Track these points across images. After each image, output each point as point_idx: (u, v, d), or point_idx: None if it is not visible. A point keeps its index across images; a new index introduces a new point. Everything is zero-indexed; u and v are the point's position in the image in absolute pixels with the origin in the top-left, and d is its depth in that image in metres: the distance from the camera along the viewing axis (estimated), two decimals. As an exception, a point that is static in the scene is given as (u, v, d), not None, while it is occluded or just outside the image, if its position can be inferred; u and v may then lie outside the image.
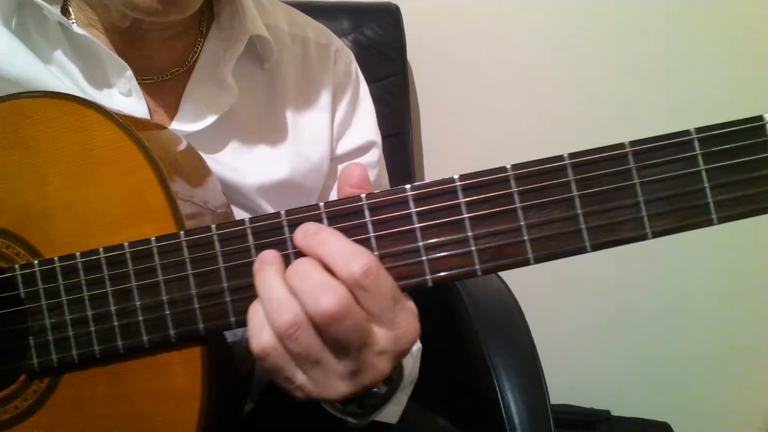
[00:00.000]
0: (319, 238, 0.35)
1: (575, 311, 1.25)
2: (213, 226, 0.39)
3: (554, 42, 1.11)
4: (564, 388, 1.22)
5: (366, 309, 0.34)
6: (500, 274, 0.87)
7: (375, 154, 0.68)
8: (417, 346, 0.60)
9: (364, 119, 0.68)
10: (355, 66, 0.69)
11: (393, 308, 0.35)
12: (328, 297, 0.33)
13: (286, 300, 0.34)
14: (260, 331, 0.35)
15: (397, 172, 1.02)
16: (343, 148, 0.66)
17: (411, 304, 0.37)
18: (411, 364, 0.55)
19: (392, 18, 1.05)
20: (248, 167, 0.58)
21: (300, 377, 0.36)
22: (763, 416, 1.23)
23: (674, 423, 1.23)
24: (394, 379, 0.44)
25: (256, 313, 0.36)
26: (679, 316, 1.21)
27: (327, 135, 0.63)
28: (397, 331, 0.35)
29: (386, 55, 1.04)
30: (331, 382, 0.35)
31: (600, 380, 1.27)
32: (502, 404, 0.69)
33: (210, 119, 0.55)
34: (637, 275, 1.20)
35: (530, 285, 0.99)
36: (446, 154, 1.21)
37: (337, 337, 0.34)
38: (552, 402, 0.72)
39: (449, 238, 0.36)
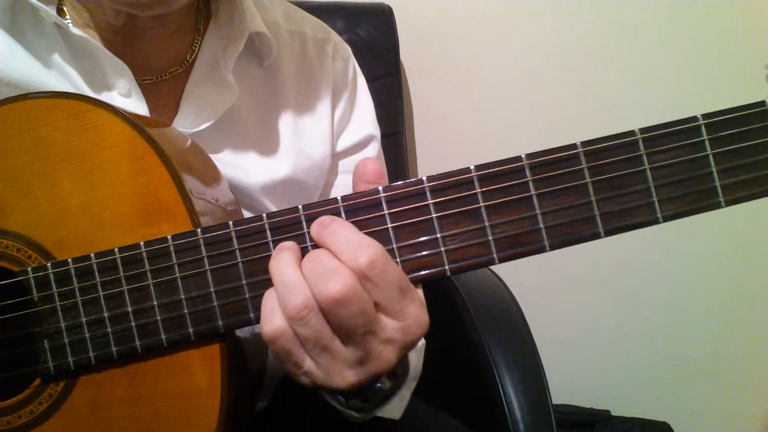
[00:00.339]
0: (330, 228, 0.37)
1: (575, 312, 1.27)
2: (230, 222, 0.40)
3: (546, 41, 1.14)
4: (564, 388, 1.24)
5: (373, 299, 0.36)
6: (499, 273, 0.89)
7: (374, 148, 0.69)
8: (421, 342, 0.61)
9: (363, 114, 0.69)
10: (352, 61, 0.70)
11: (401, 299, 0.36)
12: (334, 281, 0.34)
13: (298, 284, 0.36)
14: (272, 315, 0.36)
15: (391, 172, 1.03)
16: (343, 144, 0.67)
17: (420, 296, 0.38)
18: (415, 360, 0.57)
19: (385, 19, 1.08)
20: (251, 166, 0.59)
21: (308, 363, 0.37)
22: (763, 416, 1.26)
23: (674, 423, 1.25)
24: (398, 375, 0.46)
25: (269, 298, 0.37)
26: (679, 317, 1.24)
27: (327, 132, 0.65)
28: (405, 321, 0.37)
29: (379, 56, 1.06)
30: (338, 369, 0.37)
31: (600, 380, 1.29)
32: (504, 400, 0.70)
33: (211, 119, 0.56)
34: (637, 275, 1.23)
35: (530, 285, 1.01)
36: (440, 154, 1.23)
37: (342, 322, 0.35)
38: (552, 402, 0.73)
39: (466, 228, 0.37)
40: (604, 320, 1.27)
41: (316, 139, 0.64)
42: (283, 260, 0.37)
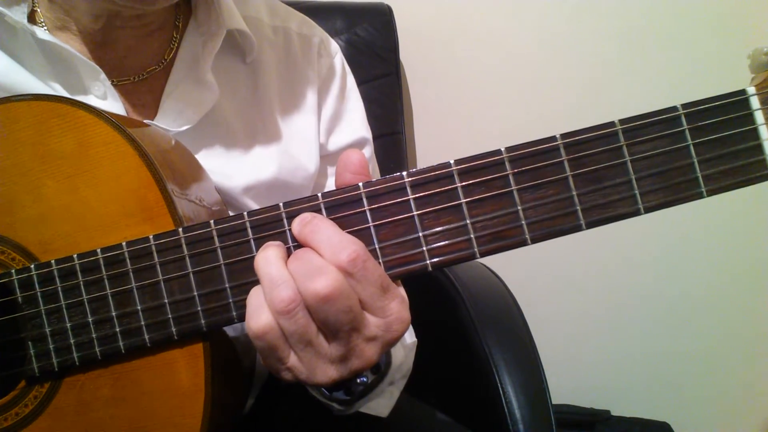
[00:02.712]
0: (311, 225, 0.37)
1: (575, 311, 1.26)
2: (211, 221, 0.39)
3: (546, 41, 1.13)
4: (564, 388, 1.23)
5: (359, 295, 0.35)
6: (498, 273, 0.88)
7: (367, 152, 0.68)
8: (411, 340, 0.61)
9: (354, 113, 0.67)
10: (340, 58, 0.68)
11: (382, 296, 0.36)
12: (321, 279, 0.34)
13: (285, 278, 0.35)
14: (259, 311, 0.36)
15: (391, 172, 1.02)
16: (335, 144, 0.65)
17: (401, 293, 0.38)
18: (402, 357, 0.56)
19: (385, 18, 1.07)
20: (234, 168, 0.57)
21: (292, 358, 0.37)
22: (763, 416, 1.25)
23: (674, 423, 1.24)
24: (381, 369, 0.45)
25: (255, 295, 0.37)
26: (679, 317, 1.23)
27: (313, 131, 0.63)
28: (387, 318, 0.36)
29: (379, 56, 1.05)
30: (321, 364, 0.37)
31: (600, 380, 1.28)
32: (504, 400, 0.70)
33: (192, 120, 0.54)
34: (637, 275, 1.22)
35: (530, 285, 1.00)
36: (440, 154, 1.21)
37: (328, 319, 0.35)
38: (552, 402, 0.72)
39: (447, 223, 0.37)
40: (604, 320, 1.26)
41: (301, 138, 0.62)
42: (269, 256, 0.37)
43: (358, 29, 1.05)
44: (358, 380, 0.40)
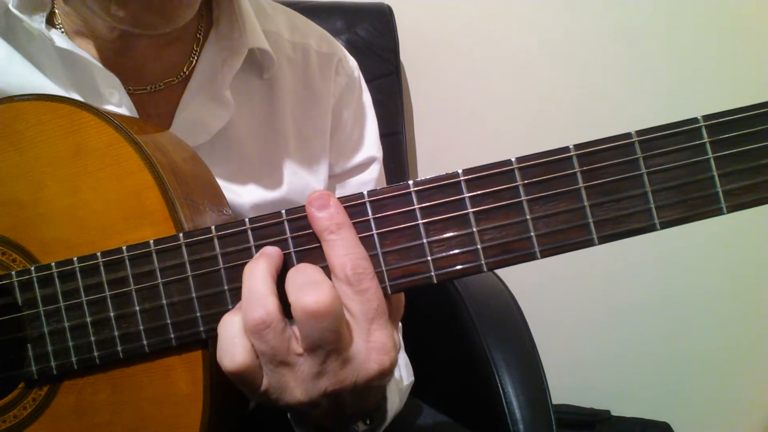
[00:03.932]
0: (339, 237, 0.35)
1: (575, 311, 1.24)
2: (213, 227, 0.38)
3: (547, 41, 1.10)
4: (564, 388, 1.21)
5: (348, 309, 0.34)
6: (499, 273, 0.87)
7: (375, 171, 0.65)
8: (409, 381, 0.59)
9: (366, 135, 0.65)
10: (358, 78, 0.65)
11: (373, 319, 0.34)
12: (314, 293, 0.32)
13: (262, 296, 0.33)
14: (233, 344, 0.34)
15: (391, 172, 1.01)
16: (344, 164, 0.63)
17: (392, 332, 0.35)
18: (398, 404, 0.53)
19: (385, 18, 1.05)
20: (243, 185, 0.55)
21: (264, 383, 0.35)
22: (763, 416, 1.23)
23: (674, 423, 1.22)
24: (375, 419, 0.42)
25: (229, 324, 0.35)
26: (679, 316, 1.20)
27: (324, 151, 0.61)
28: (369, 344, 0.34)
29: (379, 56, 1.03)
30: (291, 383, 0.35)
31: (600, 380, 1.26)
32: (504, 400, 0.68)
33: (205, 136, 0.53)
34: (637, 275, 1.19)
35: (530, 285, 0.98)
36: (440, 154, 1.20)
37: (311, 336, 0.33)
38: (552, 402, 0.71)
39: (454, 234, 0.35)
40: (604, 320, 1.23)
41: (312, 158, 0.60)
42: (257, 267, 0.35)
43: (358, 29, 1.02)
44: (351, 427, 0.38)
